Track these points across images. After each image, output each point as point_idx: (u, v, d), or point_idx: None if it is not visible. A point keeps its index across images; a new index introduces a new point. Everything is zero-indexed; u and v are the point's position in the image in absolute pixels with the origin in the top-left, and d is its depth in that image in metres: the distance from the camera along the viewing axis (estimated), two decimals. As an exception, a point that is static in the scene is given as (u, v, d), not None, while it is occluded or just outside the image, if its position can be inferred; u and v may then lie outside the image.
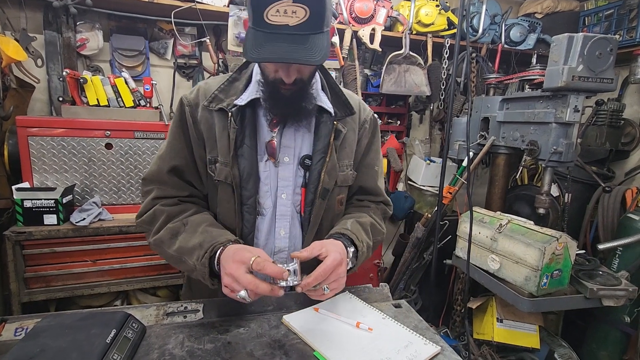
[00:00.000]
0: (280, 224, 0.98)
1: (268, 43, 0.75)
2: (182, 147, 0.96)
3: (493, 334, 1.93)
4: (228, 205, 0.95)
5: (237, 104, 0.91)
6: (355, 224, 0.98)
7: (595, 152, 2.43)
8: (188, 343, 0.78)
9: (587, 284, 1.59)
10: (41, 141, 1.73)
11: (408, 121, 2.86)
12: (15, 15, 1.96)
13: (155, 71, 2.32)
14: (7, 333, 0.79)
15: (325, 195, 0.97)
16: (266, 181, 0.96)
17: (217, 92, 0.93)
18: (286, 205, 0.98)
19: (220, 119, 0.92)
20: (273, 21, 0.74)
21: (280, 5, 0.72)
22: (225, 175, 0.91)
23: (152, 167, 0.98)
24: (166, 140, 0.99)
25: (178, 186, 0.97)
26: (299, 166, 0.97)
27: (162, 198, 0.95)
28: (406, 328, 0.87)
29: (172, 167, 0.95)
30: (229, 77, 0.97)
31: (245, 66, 0.99)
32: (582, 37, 1.57)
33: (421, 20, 2.42)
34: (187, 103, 0.95)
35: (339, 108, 0.99)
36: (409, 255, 2.45)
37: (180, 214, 0.93)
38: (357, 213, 1.06)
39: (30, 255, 1.68)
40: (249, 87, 0.94)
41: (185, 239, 0.88)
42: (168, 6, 1.99)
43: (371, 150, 1.10)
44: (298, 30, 0.75)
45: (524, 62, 2.72)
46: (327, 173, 0.96)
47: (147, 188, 0.98)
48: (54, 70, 2.04)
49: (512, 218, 1.72)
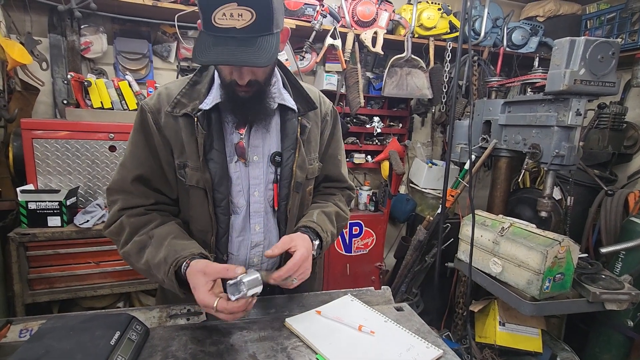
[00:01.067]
0: (255, 220, 1.00)
1: (215, 46, 0.76)
2: (146, 155, 0.94)
3: (495, 338, 1.92)
4: (202, 208, 0.95)
5: (202, 108, 0.90)
6: (321, 214, 1.04)
7: (597, 155, 2.43)
8: (191, 345, 0.79)
9: (590, 288, 1.59)
10: (45, 144, 1.74)
11: (410, 124, 2.86)
12: (21, 19, 1.98)
13: (159, 74, 2.33)
14: (12, 334, 0.80)
15: (299, 188, 1.02)
16: (237, 181, 0.96)
17: (179, 97, 0.92)
18: (259, 202, 0.99)
19: (186, 124, 0.91)
20: (220, 24, 0.74)
21: (226, 9, 0.73)
22: (197, 180, 0.91)
23: (116, 176, 0.96)
24: (128, 148, 0.96)
25: (143, 195, 0.95)
26: (270, 163, 0.99)
27: (128, 209, 0.94)
28: (408, 331, 0.87)
29: (136, 176, 0.93)
30: (190, 81, 0.95)
31: (205, 68, 0.98)
32: (584, 40, 1.57)
33: (423, 24, 2.43)
34: (148, 110, 0.93)
35: (302, 104, 1.01)
36: (411, 258, 2.45)
37: (146, 226, 0.92)
38: (322, 202, 1.12)
39: (34, 256, 1.69)
40: (212, 90, 0.93)
41: (151, 253, 0.88)
42: (171, 10, 2.00)
43: (333, 140, 1.14)
44: (245, 33, 0.76)
45: (526, 66, 2.72)
46: (298, 167, 0.99)
47: (112, 198, 0.96)
48: (58, 74, 2.06)
49: (514, 221, 1.71)
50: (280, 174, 0.99)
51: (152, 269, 0.87)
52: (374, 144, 2.72)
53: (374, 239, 2.67)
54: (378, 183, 2.92)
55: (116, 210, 0.94)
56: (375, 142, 2.72)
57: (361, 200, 2.69)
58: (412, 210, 2.74)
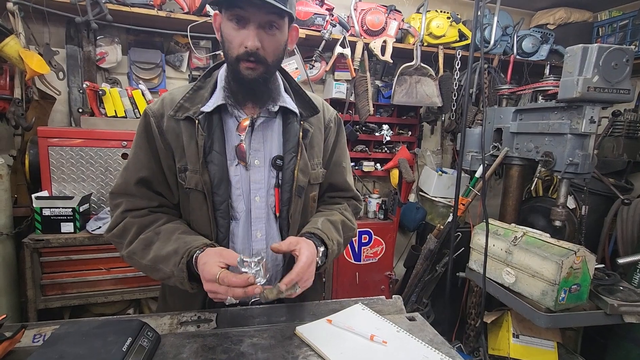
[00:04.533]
0: (257, 227, 0.99)
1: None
2: (149, 158, 0.95)
3: (509, 350, 1.87)
4: (201, 212, 0.94)
5: (203, 110, 0.92)
6: (326, 222, 1.01)
7: (612, 163, 2.38)
8: (202, 353, 0.78)
9: (607, 300, 1.54)
10: (61, 151, 1.78)
11: (419, 132, 2.86)
12: (40, 30, 2.04)
13: (171, 83, 2.38)
14: (25, 339, 0.81)
15: (301, 192, 1.00)
16: (237, 185, 0.95)
17: (182, 102, 0.93)
18: (261, 207, 0.98)
19: (187, 127, 0.92)
20: None
21: None
22: (196, 182, 0.91)
23: (119, 180, 0.97)
24: (131, 152, 0.97)
25: (147, 197, 0.96)
26: (271, 168, 0.98)
27: (132, 210, 0.94)
28: (421, 342, 0.85)
29: (140, 178, 0.94)
30: (194, 86, 0.97)
31: (209, 74, 1.00)
32: (597, 47, 1.55)
33: (432, 32, 2.44)
34: (151, 114, 0.95)
35: (304, 108, 1.01)
36: (421, 267, 2.41)
37: (151, 224, 0.93)
38: (327, 211, 1.09)
39: (47, 262, 1.72)
40: (215, 94, 0.95)
41: (159, 248, 0.88)
42: (184, 21, 2.05)
43: (337, 147, 1.13)
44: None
45: (537, 73, 2.71)
46: (300, 171, 0.98)
47: (115, 201, 0.96)
48: (74, 83, 2.11)
49: (527, 230, 1.68)
50: (281, 178, 0.98)
51: (159, 263, 0.87)
52: (383, 152, 2.71)
53: (383, 248, 2.65)
54: (387, 191, 2.90)
55: (120, 213, 0.94)
56: (385, 150, 2.72)
57: (370, 208, 2.67)
58: (422, 219, 2.71)
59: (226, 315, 0.94)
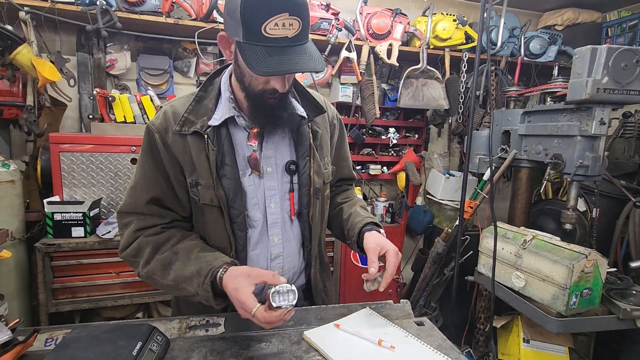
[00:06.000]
0: (273, 232, 0.99)
1: (271, 56, 0.76)
2: (156, 175, 0.93)
3: (519, 355, 1.85)
4: (217, 225, 0.94)
5: (211, 125, 0.90)
6: (363, 210, 1.13)
7: (623, 165, 2.34)
8: (211, 357, 0.79)
9: (620, 304, 1.51)
10: (71, 157, 1.81)
11: (426, 135, 2.85)
12: (51, 38, 2.09)
13: (179, 89, 2.41)
14: (37, 343, 0.82)
15: (318, 194, 1.02)
16: (252, 194, 0.95)
17: (187, 115, 0.91)
18: (276, 213, 0.98)
19: (195, 142, 0.90)
20: (272, 34, 0.75)
21: (278, 19, 0.73)
22: (211, 198, 0.90)
23: (127, 199, 0.95)
24: (137, 171, 0.95)
25: (158, 214, 0.95)
26: (285, 173, 0.98)
27: (144, 229, 0.93)
28: (430, 347, 0.85)
29: (150, 198, 0.93)
30: (195, 97, 0.94)
31: (210, 83, 0.97)
32: (606, 48, 1.53)
33: (438, 35, 2.44)
34: (155, 130, 0.92)
35: (310, 109, 1.01)
36: (429, 271, 2.39)
37: (166, 242, 0.92)
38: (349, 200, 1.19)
39: (58, 266, 1.74)
40: (220, 105, 0.93)
41: (180, 268, 0.87)
42: (192, 27, 2.08)
43: (342, 143, 1.18)
44: (296, 42, 0.77)
45: (545, 75, 2.68)
46: (315, 174, 0.99)
47: (125, 220, 0.95)
48: (84, 90, 2.15)
49: (537, 234, 1.66)
50: (298, 182, 0.99)
51: (181, 283, 0.86)
52: (390, 155, 2.71)
53: (390, 251, 2.63)
54: (394, 194, 2.89)
55: (132, 232, 0.93)
56: (391, 153, 2.71)
57: (377, 211, 2.66)
58: (430, 222, 2.70)
59: (234, 319, 0.94)
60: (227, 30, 0.82)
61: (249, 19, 0.74)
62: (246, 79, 0.85)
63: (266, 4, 0.73)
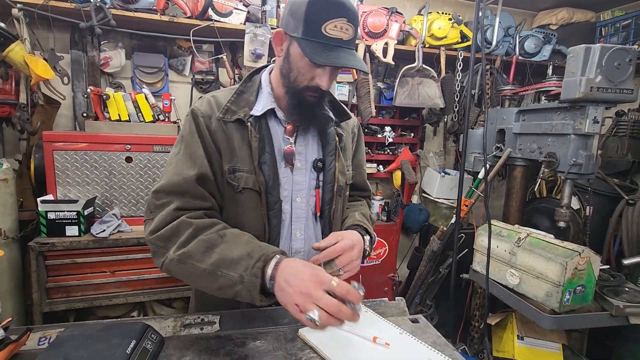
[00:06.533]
0: (296, 226, 1.02)
1: (329, 51, 0.85)
2: (202, 155, 0.91)
3: (514, 352, 1.86)
4: (255, 212, 0.96)
5: (253, 114, 0.95)
6: (361, 215, 1.11)
7: (616, 163, 2.36)
8: (205, 355, 0.79)
9: (613, 301, 1.53)
10: (65, 155, 1.80)
11: (422, 133, 2.85)
12: (45, 36, 2.07)
13: (174, 87, 2.39)
14: (30, 342, 0.81)
15: (341, 192, 1.07)
16: (285, 186, 0.99)
17: (229, 105, 0.96)
18: (301, 207, 1.02)
19: (237, 129, 0.94)
20: (330, 34, 0.84)
21: (337, 22, 0.84)
22: (253, 183, 0.94)
23: (168, 178, 0.89)
24: (180, 152, 0.93)
25: (202, 197, 0.90)
26: (312, 170, 1.03)
27: (187, 209, 0.87)
28: (424, 344, 0.85)
29: (199, 175, 0.89)
30: (237, 90, 0.99)
31: (248, 80, 1.02)
32: (599, 48, 1.55)
33: (434, 34, 2.44)
34: (200, 114, 0.94)
35: (337, 114, 1.08)
36: (425, 269, 2.40)
37: (211, 226, 0.85)
38: (355, 206, 1.19)
39: (52, 265, 1.73)
40: (260, 98, 0.98)
41: (227, 249, 0.80)
42: (187, 25, 2.06)
43: (359, 150, 1.22)
44: (348, 45, 0.87)
45: (539, 74, 2.69)
46: (340, 172, 1.05)
47: (161, 200, 0.87)
48: (78, 88, 2.13)
49: (531, 231, 1.68)
50: (323, 180, 1.04)
51: (223, 268, 0.78)
52: (386, 153, 2.71)
53: (386, 250, 2.64)
54: (390, 193, 2.90)
55: (171, 210, 0.85)
56: (387, 152, 2.71)
57: (373, 210, 2.67)
58: (425, 220, 2.71)
59: (229, 317, 0.94)
60: (285, 28, 0.89)
61: (311, 17, 0.83)
62: (293, 74, 0.91)
63: (329, 8, 0.83)
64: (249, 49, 2.17)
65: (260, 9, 2.18)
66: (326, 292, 0.72)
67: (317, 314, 0.69)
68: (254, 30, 2.15)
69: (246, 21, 2.17)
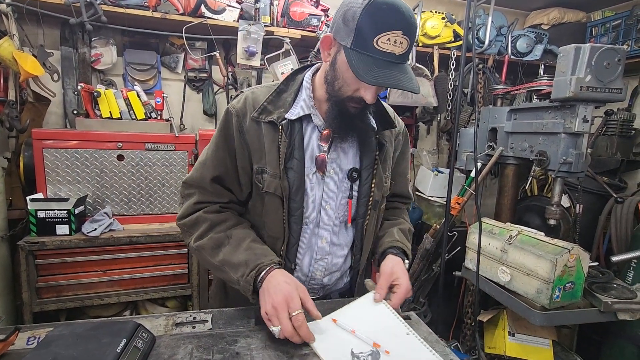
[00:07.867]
0: (323, 234, 1.02)
1: (379, 68, 0.79)
2: (225, 156, 0.98)
3: (505, 348, 1.88)
4: (275, 215, 0.97)
5: (287, 117, 0.93)
6: (400, 232, 1.10)
7: (606, 162, 2.40)
8: (197, 354, 0.78)
9: (601, 297, 1.55)
10: (55, 153, 1.78)
11: (415, 132, 2.87)
12: (34, 32, 2.04)
13: (167, 84, 2.37)
14: (19, 342, 0.80)
15: (376, 206, 1.05)
16: (312, 193, 0.98)
17: (265, 104, 0.95)
18: (330, 215, 1.01)
19: (270, 131, 0.93)
20: (382, 48, 0.78)
21: (391, 35, 0.78)
22: (275, 187, 0.94)
23: (195, 173, 1.00)
24: (210, 148, 1.00)
25: (219, 193, 1.00)
26: (346, 179, 1.00)
27: (204, 203, 0.99)
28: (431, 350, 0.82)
29: (215, 176, 0.98)
30: (277, 89, 0.98)
31: (292, 78, 1.00)
32: (589, 47, 1.57)
33: (427, 33, 2.45)
34: (235, 113, 0.96)
35: (381, 122, 1.02)
36: (418, 266, 2.42)
37: (222, 223, 0.96)
38: (394, 219, 1.18)
39: (43, 265, 1.71)
40: (298, 101, 0.96)
41: (229, 252, 0.91)
42: (179, 22, 2.05)
43: (404, 159, 1.18)
44: (401, 60, 0.82)
45: (531, 73, 2.72)
46: (376, 186, 1.02)
47: (188, 191, 1.01)
48: (69, 85, 2.11)
49: (522, 229, 1.69)
50: (358, 191, 1.02)
51: (226, 268, 0.91)
52: (380, 152, 2.72)
53: (380, 248, 2.65)
54: (384, 191, 2.90)
55: (192, 203, 0.98)
56: (381, 150, 2.72)
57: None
58: (419, 219, 2.72)
59: (221, 315, 0.94)
60: (336, 33, 0.85)
61: (364, 28, 0.78)
62: (337, 82, 0.88)
63: (385, 19, 0.77)
64: (242, 46, 2.16)
65: (253, 6, 2.17)
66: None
67: (277, 330, 0.79)
68: (247, 27, 2.14)
69: (239, 18, 2.16)
